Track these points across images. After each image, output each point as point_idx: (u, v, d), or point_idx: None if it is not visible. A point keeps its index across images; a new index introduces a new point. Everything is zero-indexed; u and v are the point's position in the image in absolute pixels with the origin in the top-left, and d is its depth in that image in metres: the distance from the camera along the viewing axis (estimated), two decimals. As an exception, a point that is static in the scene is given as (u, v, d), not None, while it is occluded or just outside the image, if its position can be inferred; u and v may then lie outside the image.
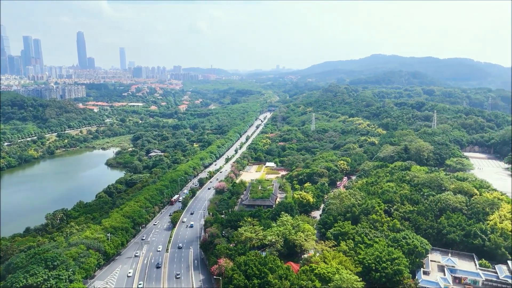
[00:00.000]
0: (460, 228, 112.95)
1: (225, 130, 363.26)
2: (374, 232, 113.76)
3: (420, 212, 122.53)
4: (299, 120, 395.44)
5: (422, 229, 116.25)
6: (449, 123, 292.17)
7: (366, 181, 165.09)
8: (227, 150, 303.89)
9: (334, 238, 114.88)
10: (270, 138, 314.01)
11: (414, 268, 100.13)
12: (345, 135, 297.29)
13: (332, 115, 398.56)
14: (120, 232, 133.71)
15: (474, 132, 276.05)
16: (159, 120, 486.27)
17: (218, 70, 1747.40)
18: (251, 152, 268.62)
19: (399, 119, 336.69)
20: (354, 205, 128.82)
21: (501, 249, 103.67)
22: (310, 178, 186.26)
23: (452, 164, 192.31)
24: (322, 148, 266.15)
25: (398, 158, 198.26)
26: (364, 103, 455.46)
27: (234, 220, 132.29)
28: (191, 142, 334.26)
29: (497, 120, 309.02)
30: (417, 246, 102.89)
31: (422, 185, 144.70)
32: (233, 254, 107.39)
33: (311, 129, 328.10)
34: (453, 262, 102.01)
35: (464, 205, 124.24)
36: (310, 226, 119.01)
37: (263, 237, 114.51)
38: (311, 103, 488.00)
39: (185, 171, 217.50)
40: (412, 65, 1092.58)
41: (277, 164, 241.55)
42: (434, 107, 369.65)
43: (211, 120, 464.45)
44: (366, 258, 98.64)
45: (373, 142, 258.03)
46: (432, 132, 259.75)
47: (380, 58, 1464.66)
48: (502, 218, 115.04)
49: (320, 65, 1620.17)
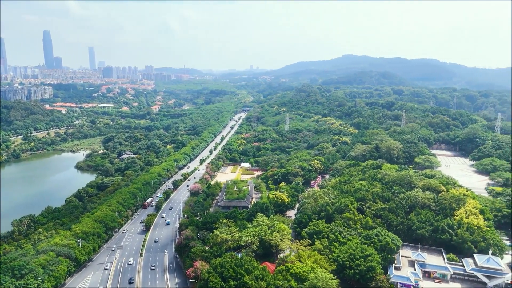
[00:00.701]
0: (429, 224, 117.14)
1: (200, 131, 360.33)
2: (347, 230, 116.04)
3: (391, 209, 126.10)
4: (274, 120, 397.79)
5: (393, 226, 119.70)
6: (418, 122, 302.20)
7: (339, 180, 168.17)
8: (201, 151, 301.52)
9: (309, 237, 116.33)
10: (245, 139, 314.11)
11: (386, 264, 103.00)
12: (319, 134, 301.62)
13: (306, 115, 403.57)
14: (91, 237, 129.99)
15: (441, 130, 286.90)
16: (131, 121, 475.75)
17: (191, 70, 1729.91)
18: (226, 152, 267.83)
19: (370, 118, 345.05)
20: (328, 204, 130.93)
21: (467, 243, 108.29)
22: (285, 178, 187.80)
23: (420, 161, 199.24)
24: (296, 148, 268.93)
25: (370, 157, 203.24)
26: (336, 103, 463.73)
27: (209, 222, 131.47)
28: (165, 143, 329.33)
29: (462, 118, 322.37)
30: (388, 242, 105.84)
31: (393, 183, 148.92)
32: (208, 256, 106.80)
33: (285, 129, 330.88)
34: (423, 257, 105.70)
35: (432, 201, 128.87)
36: (285, 226, 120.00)
37: (239, 238, 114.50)
38: (285, 103, 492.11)
39: (159, 173, 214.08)
40: (382, 66, 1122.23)
41: (252, 164, 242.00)
42: (403, 106, 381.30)
43: (185, 121, 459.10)
44: (340, 256, 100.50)
45: (345, 142, 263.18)
46: (401, 131, 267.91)
47: (351, 59, 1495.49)
48: (468, 213, 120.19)
49: (293, 65, 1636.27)
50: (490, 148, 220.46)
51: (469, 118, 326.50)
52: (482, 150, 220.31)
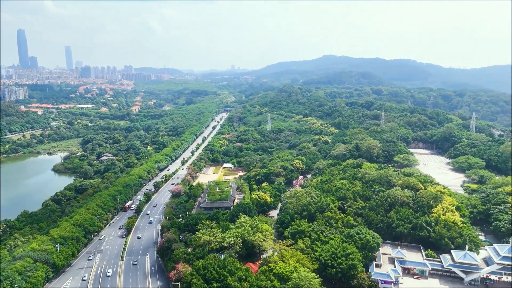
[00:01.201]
0: (408, 221, 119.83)
1: (181, 132, 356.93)
2: (329, 229, 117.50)
3: (372, 208, 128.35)
4: (255, 120, 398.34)
5: (374, 224, 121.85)
6: (396, 122, 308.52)
7: (320, 179, 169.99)
8: (183, 152, 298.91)
9: (292, 236, 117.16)
10: (227, 139, 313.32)
11: (367, 261, 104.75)
12: (300, 134, 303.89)
13: (287, 115, 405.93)
14: (70, 242, 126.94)
15: (418, 129, 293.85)
16: (110, 122, 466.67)
17: (171, 70, 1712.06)
18: (208, 153, 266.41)
19: (350, 118, 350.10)
20: (310, 203, 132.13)
21: (444, 240, 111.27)
22: (267, 178, 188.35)
23: (399, 160, 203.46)
24: (278, 148, 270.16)
25: (350, 156, 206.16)
26: (317, 103, 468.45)
27: (191, 223, 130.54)
28: (145, 144, 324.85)
29: (438, 118, 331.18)
30: (369, 240, 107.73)
31: (373, 181, 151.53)
32: (191, 258, 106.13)
33: (267, 129, 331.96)
34: (402, 254, 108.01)
35: (411, 199, 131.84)
36: (268, 226, 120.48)
37: (222, 239, 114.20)
38: (267, 103, 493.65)
39: (139, 175, 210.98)
40: (361, 66, 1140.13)
41: (234, 165, 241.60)
42: (382, 106, 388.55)
43: (165, 122, 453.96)
44: (322, 255, 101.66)
45: (326, 141, 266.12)
46: (380, 130, 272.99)
47: (331, 59, 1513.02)
48: (445, 210, 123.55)
49: (274, 66, 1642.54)
50: (465, 146, 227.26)
51: (445, 117, 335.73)
52: (457, 149, 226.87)
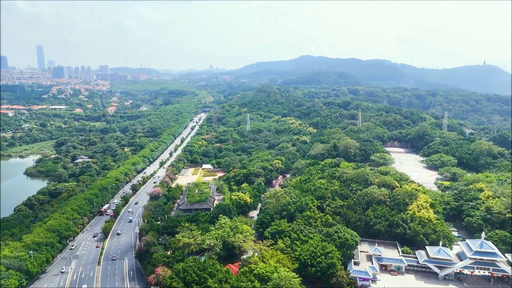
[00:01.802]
0: (385, 219, 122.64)
1: (159, 133, 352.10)
2: (308, 228, 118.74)
3: (350, 206, 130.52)
4: (235, 120, 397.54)
5: (352, 222, 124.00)
6: (372, 121, 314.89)
7: (299, 179, 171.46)
8: (161, 154, 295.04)
9: (272, 236, 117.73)
10: (206, 140, 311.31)
11: (346, 259, 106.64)
12: (279, 134, 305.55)
13: (266, 115, 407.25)
14: (44, 248, 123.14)
15: (394, 128, 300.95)
16: (85, 124, 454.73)
17: (148, 70, 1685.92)
18: (187, 154, 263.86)
19: (328, 118, 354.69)
20: (290, 203, 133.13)
21: (419, 236, 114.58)
22: (247, 178, 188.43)
23: (376, 159, 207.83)
24: (258, 148, 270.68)
25: (328, 156, 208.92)
26: (295, 103, 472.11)
27: (171, 226, 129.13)
28: (122, 146, 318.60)
29: (413, 117, 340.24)
30: (348, 239, 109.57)
31: (351, 180, 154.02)
32: (171, 261, 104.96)
33: (246, 130, 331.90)
34: (380, 251, 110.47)
35: (387, 197, 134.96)
36: (248, 227, 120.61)
37: (202, 241, 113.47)
38: (246, 103, 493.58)
39: (116, 178, 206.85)
40: (338, 66, 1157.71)
41: (214, 165, 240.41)
42: (358, 106, 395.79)
43: (142, 123, 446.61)
44: (302, 254, 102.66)
45: (305, 141, 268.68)
46: (357, 129, 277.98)
47: (309, 59, 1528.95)
48: (420, 207, 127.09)
49: (253, 66, 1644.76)
50: (438, 144, 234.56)
51: (419, 116, 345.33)
52: (431, 147, 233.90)
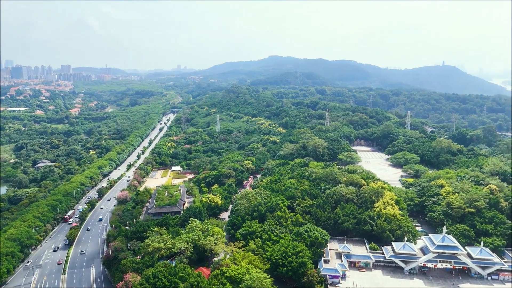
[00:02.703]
0: (353, 217, 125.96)
1: (125, 135, 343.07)
2: (279, 228, 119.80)
3: (319, 205, 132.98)
4: (204, 121, 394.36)
5: (321, 221, 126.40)
6: (339, 120, 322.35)
7: (270, 179, 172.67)
8: (128, 156, 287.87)
9: (243, 238, 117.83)
10: (175, 141, 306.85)
11: (316, 258, 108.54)
12: (249, 135, 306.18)
13: (236, 116, 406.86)
14: (4, 258, 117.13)
15: (360, 127, 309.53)
16: (46, 126, 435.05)
17: (114, 69, 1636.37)
18: (155, 156, 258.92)
19: (297, 118, 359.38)
20: (260, 204, 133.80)
21: (386, 232, 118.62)
22: (217, 179, 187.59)
23: (343, 158, 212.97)
24: (228, 149, 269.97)
25: (298, 155, 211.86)
26: (265, 103, 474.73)
27: (139, 231, 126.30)
28: (87, 149, 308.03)
29: (378, 116, 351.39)
30: (317, 237, 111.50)
31: (320, 179, 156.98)
32: (140, 267, 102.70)
33: (216, 130, 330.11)
34: (348, 249, 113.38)
35: (355, 195, 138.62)
36: (219, 229, 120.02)
37: (172, 245, 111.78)
38: (215, 104, 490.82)
39: (81, 182, 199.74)
40: (306, 66, 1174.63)
41: (183, 167, 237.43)
42: (326, 106, 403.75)
43: (108, 124, 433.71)
44: (273, 254, 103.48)
45: (274, 141, 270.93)
46: (325, 129, 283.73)
47: (277, 59, 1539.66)
48: (386, 204, 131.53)
49: (221, 66, 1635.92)
50: (402, 143, 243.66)
51: (383, 115, 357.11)
52: (395, 145, 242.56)
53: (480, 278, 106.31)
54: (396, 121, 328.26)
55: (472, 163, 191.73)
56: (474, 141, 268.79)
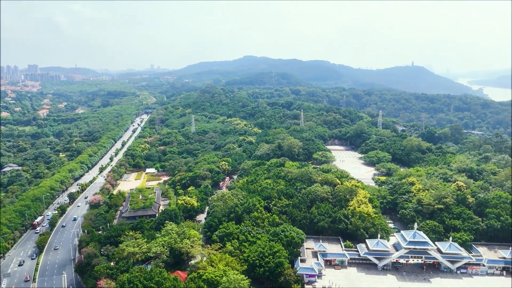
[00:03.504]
0: (328, 216, 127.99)
1: (97, 136, 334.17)
2: (256, 229, 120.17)
3: (295, 205, 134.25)
4: (179, 122, 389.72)
5: (297, 221, 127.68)
6: (314, 120, 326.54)
7: (246, 180, 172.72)
8: (100, 159, 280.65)
9: (220, 240, 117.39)
10: (149, 143, 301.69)
11: (293, 257, 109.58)
12: (225, 135, 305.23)
13: (211, 116, 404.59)
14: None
15: (334, 127, 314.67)
16: (13, 129, 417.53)
17: (84, 69, 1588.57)
18: (129, 158, 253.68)
19: (272, 118, 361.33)
20: (237, 205, 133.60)
21: (360, 230, 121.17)
22: (193, 181, 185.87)
23: (318, 157, 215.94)
24: (204, 150, 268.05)
25: (274, 155, 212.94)
26: (240, 103, 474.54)
27: (113, 235, 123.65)
28: (57, 152, 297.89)
29: (351, 116, 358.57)
30: (294, 237, 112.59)
31: (295, 179, 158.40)
32: (114, 273, 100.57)
33: (191, 131, 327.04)
34: (324, 247, 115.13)
35: (330, 194, 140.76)
36: (195, 232, 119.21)
37: (148, 249, 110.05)
38: (190, 104, 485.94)
39: (51, 187, 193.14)
40: (280, 66, 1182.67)
41: (158, 169, 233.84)
42: (301, 106, 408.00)
43: (79, 126, 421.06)
44: (250, 255, 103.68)
45: (250, 141, 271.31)
46: (300, 129, 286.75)
47: (252, 60, 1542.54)
48: (359, 202, 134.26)
49: (196, 66, 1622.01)
50: (374, 142, 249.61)
51: (356, 115, 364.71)
52: (368, 144, 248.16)
53: (450, 272, 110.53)
54: (369, 121, 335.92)
55: (440, 160, 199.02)
56: (442, 139, 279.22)
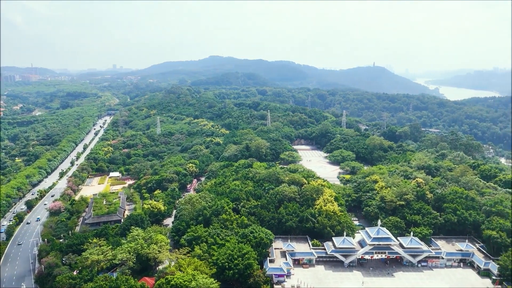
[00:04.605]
0: (295, 215, 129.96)
1: (57, 140, 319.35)
2: (225, 232, 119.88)
3: (263, 206, 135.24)
4: (144, 123, 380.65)
5: (266, 221, 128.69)
6: (280, 121, 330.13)
7: (214, 182, 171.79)
8: (60, 163, 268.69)
9: (188, 244, 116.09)
10: (112, 145, 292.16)
11: (262, 258, 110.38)
12: (192, 137, 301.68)
13: (177, 117, 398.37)
14: None
15: (300, 127, 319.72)
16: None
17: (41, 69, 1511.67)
18: (91, 162, 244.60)
19: (239, 119, 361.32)
20: (205, 208, 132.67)
21: (326, 228, 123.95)
22: (159, 184, 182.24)
23: (285, 157, 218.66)
24: (170, 152, 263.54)
25: (241, 156, 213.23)
26: (206, 104, 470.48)
27: (76, 243, 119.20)
28: (12, 157, 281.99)
29: (316, 116, 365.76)
30: (263, 238, 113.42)
31: (263, 180, 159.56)
32: (77, 283, 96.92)
33: (157, 133, 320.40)
34: (292, 247, 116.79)
35: (297, 194, 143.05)
36: (163, 236, 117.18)
37: (113, 257, 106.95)
38: (155, 105, 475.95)
39: (7, 194, 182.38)
40: (246, 67, 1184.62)
41: (122, 173, 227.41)
42: (267, 106, 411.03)
43: (36, 129, 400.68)
44: (219, 258, 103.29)
45: (218, 143, 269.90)
46: (267, 129, 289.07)
47: (218, 60, 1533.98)
48: (326, 201, 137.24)
49: (160, 65, 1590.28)
50: (339, 141, 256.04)
51: (321, 115, 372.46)
52: (333, 144, 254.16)
53: (412, 265, 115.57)
54: (333, 120, 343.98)
55: (401, 158, 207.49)
56: (403, 137, 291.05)
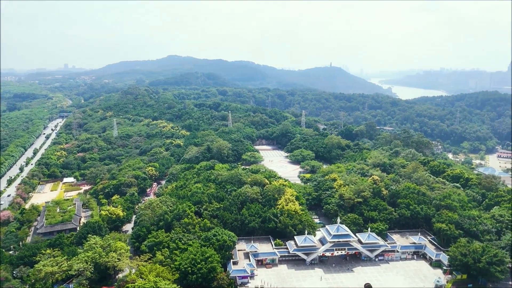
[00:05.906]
0: (258, 216, 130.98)
1: (3, 145, 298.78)
2: (187, 236, 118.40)
3: (226, 208, 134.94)
4: (99, 126, 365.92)
5: (229, 223, 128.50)
6: (242, 121, 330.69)
7: (175, 185, 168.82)
8: (8, 170, 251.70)
9: (149, 249, 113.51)
10: (65, 149, 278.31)
11: (225, 261, 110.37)
12: (151, 139, 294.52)
13: (135, 119, 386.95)
14: None
15: (261, 127, 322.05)
16: None
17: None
18: (43, 168, 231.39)
19: (200, 120, 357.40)
20: (166, 212, 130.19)
21: (288, 228, 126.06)
22: (117, 189, 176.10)
23: (247, 158, 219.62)
24: (128, 155, 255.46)
25: (203, 158, 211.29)
26: (166, 105, 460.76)
27: (27, 255, 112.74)
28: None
29: (276, 116, 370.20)
30: (226, 240, 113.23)
31: (225, 181, 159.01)
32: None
33: (113, 136, 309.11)
34: (255, 248, 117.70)
35: (259, 194, 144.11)
36: (122, 243, 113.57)
37: (69, 267, 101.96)
38: (111, 106, 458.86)
39: None
40: (206, 67, 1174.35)
41: (77, 178, 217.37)
42: (228, 107, 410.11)
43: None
44: (182, 263, 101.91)
45: (178, 144, 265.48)
46: (229, 130, 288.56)
47: (176, 60, 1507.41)
48: (287, 201, 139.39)
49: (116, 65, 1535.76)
50: (298, 141, 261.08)
51: (281, 115, 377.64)
52: (293, 143, 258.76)
53: (370, 260, 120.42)
54: (293, 120, 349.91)
55: (358, 156, 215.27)
56: (359, 136, 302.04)
